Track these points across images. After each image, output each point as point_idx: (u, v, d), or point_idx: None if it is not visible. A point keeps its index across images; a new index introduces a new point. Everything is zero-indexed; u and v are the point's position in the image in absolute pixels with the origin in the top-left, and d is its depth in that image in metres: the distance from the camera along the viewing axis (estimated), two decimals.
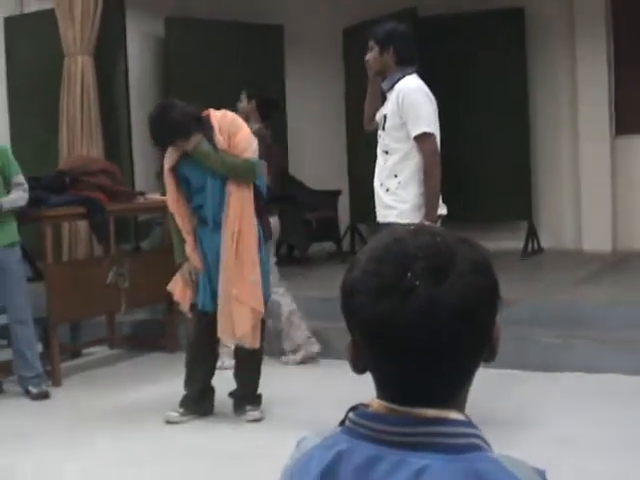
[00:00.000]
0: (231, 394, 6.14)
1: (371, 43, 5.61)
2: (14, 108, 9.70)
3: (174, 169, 5.99)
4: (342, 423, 1.40)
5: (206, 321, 6.01)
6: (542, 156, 11.05)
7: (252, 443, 5.53)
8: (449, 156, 10.60)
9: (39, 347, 7.26)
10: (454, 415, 1.34)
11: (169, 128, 5.76)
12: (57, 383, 7.13)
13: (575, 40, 10.68)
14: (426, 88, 5.55)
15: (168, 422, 6.03)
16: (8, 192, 6.74)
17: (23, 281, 6.94)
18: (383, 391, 1.37)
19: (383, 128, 5.55)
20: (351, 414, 1.38)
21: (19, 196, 6.77)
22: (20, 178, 6.80)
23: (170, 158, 5.98)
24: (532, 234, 10.74)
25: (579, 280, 8.65)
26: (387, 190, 5.46)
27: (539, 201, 11.05)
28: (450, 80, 10.61)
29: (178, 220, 6.01)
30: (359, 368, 1.40)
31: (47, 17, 8.96)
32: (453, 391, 1.36)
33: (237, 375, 6.14)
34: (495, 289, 1.36)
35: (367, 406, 1.37)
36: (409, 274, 1.29)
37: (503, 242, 10.89)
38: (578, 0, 10.61)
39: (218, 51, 10.58)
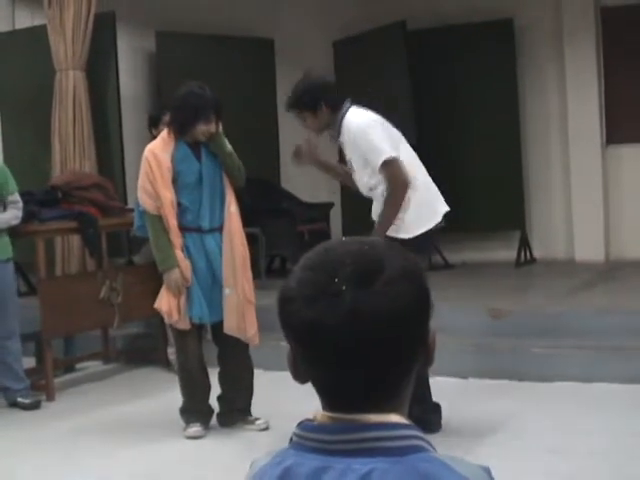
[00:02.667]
0: (232, 408, 6.12)
1: (301, 114, 5.66)
2: (6, 123, 9.71)
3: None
4: (292, 440, 1.42)
5: (199, 333, 6.03)
6: (533, 166, 11.07)
7: (245, 455, 5.50)
8: (441, 167, 10.70)
9: (32, 362, 7.27)
10: (395, 419, 1.36)
11: (215, 101, 5.80)
12: (51, 398, 7.11)
13: (564, 51, 10.71)
14: (370, 114, 5.60)
15: (190, 437, 5.93)
16: (4, 209, 6.79)
17: (15, 296, 7.00)
18: (324, 400, 1.40)
19: (355, 171, 5.64)
20: (296, 429, 1.41)
21: (13, 215, 6.84)
22: (16, 197, 6.88)
23: (166, 151, 5.83)
24: (524, 244, 10.76)
25: (572, 290, 8.66)
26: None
27: (531, 211, 11.07)
28: (440, 92, 10.65)
29: (171, 222, 5.79)
30: (300, 377, 1.43)
31: (38, 33, 8.98)
32: (390, 395, 1.38)
33: (237, 391, 6.10)
34: (424, 295, 1.38)
35: (312, 420, 1.40)
36: (336, 279, 1.32)
37: (496, 252, 10.94)
38: (567, 11, 10.65)
39: (209, 65, 10.58)
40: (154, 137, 7.70)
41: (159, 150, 5.86)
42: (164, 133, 5.98)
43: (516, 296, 8.52)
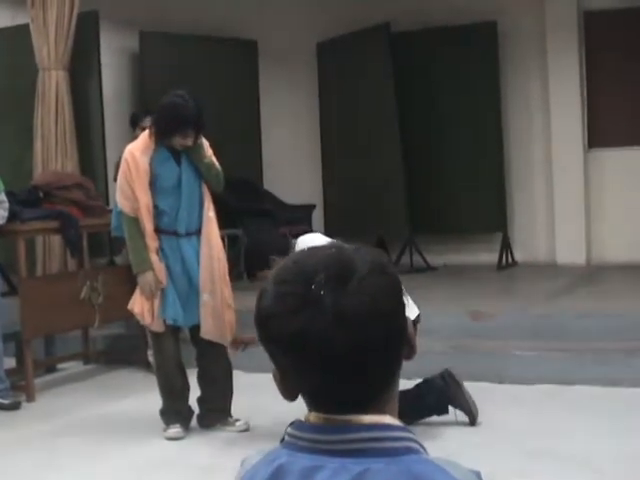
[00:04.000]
0: (211, 409, 6.11)
1: None
2: None
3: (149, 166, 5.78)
4: (283, 440, 1.42)
5: (175, 334, 6.02)
6: (516, 169, 11.11)
7: (226, 456, 5.51)
8: (424, 169, 10.74)
9: (12, 362, 7.24)
10: (389, 420, 1.37)
11: (196, 114, 5.72)
12: (31, 398, 7.08)
13: (547, 54, 10.76)
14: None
15: (170, 439, 5.91)
16: None
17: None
18: (316, 405, 1.39)
19: None
20: (289, 428, 1.41)
21: None
22: (2, 197, 6.84)
23: (145, 154, 5.77)
24: (506, 247, 10.79)
25: (553, 292, 8.69)
26: None
27: (513, 214, 11.11)
28: (423, 94, 10.67)
29: (147, 225, 5.76)
30: (289, 394, 1.43)
31: (21, 32, 8.94)
32: (382, 394, 1.39)
33: (216, 392, 6.08)
34: (397, 284, 1.40)
35: (305, 421, 1.40)
36: (313, 286, 1.33)
37: (477, 255, 10.97)
38: (550, 15, 10.69)
39: (192, 66, 10.59)
40: (136, 137, 7.64)
41: (138, 152, 5.80)
42: (145, 134, 5.93)
43: (497, 298, 8.53)
